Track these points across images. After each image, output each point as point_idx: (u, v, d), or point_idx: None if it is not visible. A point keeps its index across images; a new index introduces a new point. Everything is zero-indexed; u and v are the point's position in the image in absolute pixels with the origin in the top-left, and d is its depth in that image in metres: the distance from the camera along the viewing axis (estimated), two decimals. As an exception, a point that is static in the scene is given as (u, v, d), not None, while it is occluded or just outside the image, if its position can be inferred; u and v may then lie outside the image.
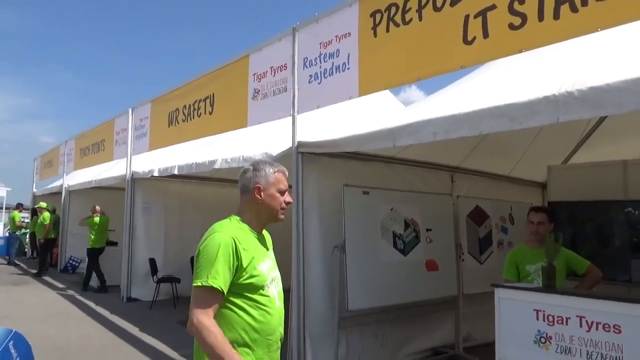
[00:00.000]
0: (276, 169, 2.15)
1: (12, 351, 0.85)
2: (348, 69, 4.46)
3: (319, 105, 4.81)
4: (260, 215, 2.13)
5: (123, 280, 9.09)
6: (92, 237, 10.16)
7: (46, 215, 12.77)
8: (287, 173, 2.19)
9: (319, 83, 4.78)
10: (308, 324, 4.76)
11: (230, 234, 1.99)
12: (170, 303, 8.39)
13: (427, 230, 5.56)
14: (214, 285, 1.90)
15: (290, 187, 4.54)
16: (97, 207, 10.47)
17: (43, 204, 13.11)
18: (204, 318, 1.89)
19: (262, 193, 2.10)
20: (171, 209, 9.59)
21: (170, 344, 6.03)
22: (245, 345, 1.98)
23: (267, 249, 2.17)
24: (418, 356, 5.54)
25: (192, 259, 8.27)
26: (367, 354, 5.09)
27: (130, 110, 9.48)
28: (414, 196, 5.58)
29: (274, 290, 2.10)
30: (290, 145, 5.03)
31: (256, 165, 2.15)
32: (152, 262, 8.63)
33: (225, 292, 1.95)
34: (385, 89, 4.49)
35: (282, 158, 5.22)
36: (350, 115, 6.18)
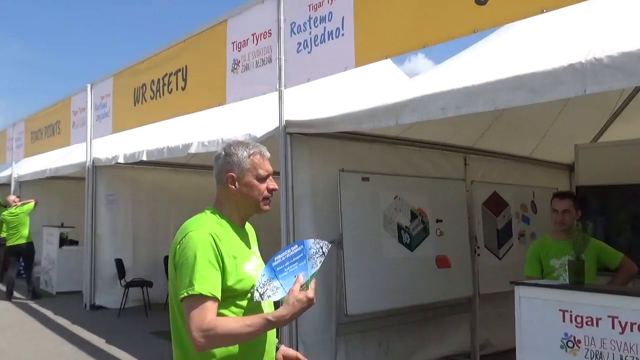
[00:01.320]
0: (252, 151, 2.09)
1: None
2: (342, 35, 4.44)
3: (310, 79, 4.80)
4: (240, 207, 2.10)
5: (85, 285, 9.12)
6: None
7: None
8: (267, 154, 2.12)
9: (309, 52, 4.77)
10: (301, 332, 4.81)
11: (207, 231, 1.97)
12: (141, 311, 8.43)
13: (437, 221, 5.60)
14: (202, 292, 1.86)
15: (277, 172, 4.55)
16: (13, 197, 10.47)
17: None
18: (211, 324, 1.84)
19: (236, 183, 2.06)
20: (140, 201, 9.60)
21: (142, 357, 6.08)
22: (236, 358, 1.98)
23: (252, 246, 2.16)
24: (429, 365, 5.62)
25: (165, 259, 8.30)
26: (369, 364, 5.16)
27: (88, 86, 9.43)
28: (422, 182, 5.61)
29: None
30: (277, 125, 5.03)
31: (228, 149, 2.09)
32: (119, 263, 8.66)
33: (220, 297, 1.91)
34: (386, 58, 4.48)
35: (268, 140, 5.22)
36: (346, 90, 6.18)
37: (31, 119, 12.80)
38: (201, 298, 1.87)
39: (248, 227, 2.23)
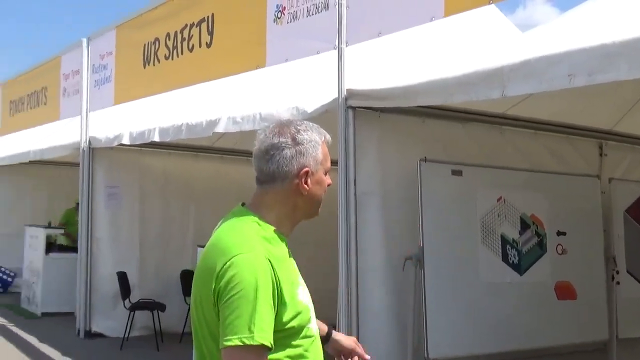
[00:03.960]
0: (323, 138, 2.20)
1: None
2: (428, -29, 4.43)
3: (381, 32, 4.80)
4: (298, 212, 2.19)
5: (79, 306, 9.44)
6: None
7: None
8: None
9: (382, -5, 4.79)
10: (364, 380, 4.86)
11: (262, 254, 2.02)
12: (151, 341, 8.69)
13: (559, 234, 5.53)
14: (265, 343, 1.94)
15: (333, 162, 4.61)
16: None
17: None
18: None
19: (308, 180, 2.15)
20: (150, 197, 9.87)
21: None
22: None
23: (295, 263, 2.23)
24: None
25: (184, 275, 8.54)
26: None
27: (84, 41, 9.74)
28: (537, 178, 5.54)
29: (314, 324, 2.18)
30: (335, 95, 5.07)
31: (296, 136, 2.15)
32: (123, 278, 8.96)
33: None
34: (489, 4, 4.42)
35: (322, 116, 5.26)
36: (429, 49, 6.11)
37: (9, 84, 13.45)
38: (259, 350, 1.94)
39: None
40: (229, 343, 1.92)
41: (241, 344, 1.91)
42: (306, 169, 2.12)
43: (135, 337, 8.85)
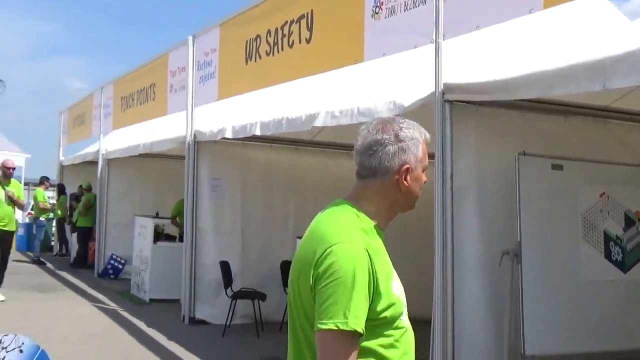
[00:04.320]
0: (424, 136, 2.28)
1: None
2: (528, -37, 4.37)
3: (479, 25, 4.78)
4: (395, 206, 2.28)
5: (184, 294, 9.88)
6: None
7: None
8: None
9: (480, -11, 4.76)
10: (459, 374, 4.88)
11: (361, 245, 2.12)
12: (251, 329, 8.98)
13: (667, 230, 5.32)
14: (357, 329, 2.02)
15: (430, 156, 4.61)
16: None
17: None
18: None
19: (408, 176, 2.22)
20: (251, 189, 10.15)
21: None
22: None
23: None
24: None
25: (284, 265, 8.75)
26: None
27: (190, 38, 10.12)
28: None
29: (406, 317, 2.25)
30: (433, 89, 5.09)
31: (399, 133, 2.23)
32: (225, 267, 9.28)
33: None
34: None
35: (418, 110, 5.30)
36: (527, 42, 6.01)
37: (121, 81, 14.08)
38: (351, 337, 2.03)
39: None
40: (324, 327, 2.01)
41: (335, 328, 2.00)
42: (407, 165, 2.20)
43: (236, 325, 9.16)
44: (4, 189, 10.39)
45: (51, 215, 18.05)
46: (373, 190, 2.25)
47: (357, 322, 2.01)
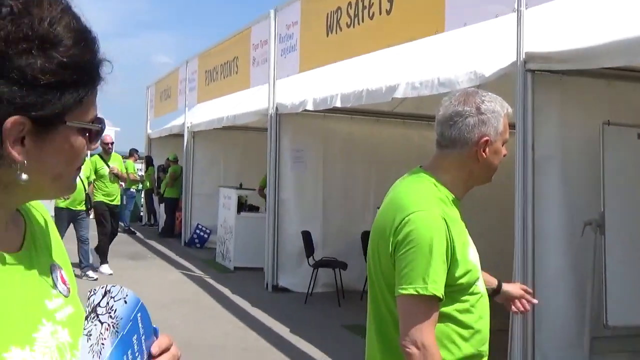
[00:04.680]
0: (506, 110, 2.32)
1: (140, 325, 1.13)
2: None
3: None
4: (472, 177, 2.35)
5: (267, 262, 10.17)
6: None
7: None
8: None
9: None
10: (540, 343, 4.91)
11: (438, 213, 2.21)
12: (332, 298, 9.20)
13: None
14: (437, 294, 2.13)
15: (511, 126, 4.63)
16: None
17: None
18: (425, 338, 2.13)
19: (487, 148, 2.28)
20: (332, 160, 10.32)
21: (332, 354, 6.74)
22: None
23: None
24: None
25: (364, 235, 8.88)
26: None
27: (272, 12, 10.29)
28: None
29: (482, 284, 2.35)
30: (514, 59, 5.06)
31: (480, 106, 2.28)
32: (307, 237, 9.50)
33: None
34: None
35: (499, 80, 5.29)
36: (610, 10, 5.84)
37: (205, 55, 14.41)
38: (431, 301, 2.15)
39: None
40: (404, 292, 2.13)
41: (415, 293, 2.11)
42: (486, 138, 2.25)
43: (317, 293, 9.40)
44: (107, 165, 10.74)
45: (140, 186, 18.76)
46: (451, 160, 2.32)
47: (436, 287, 2.11)
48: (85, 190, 9.78)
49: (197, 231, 14.71)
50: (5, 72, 1.02)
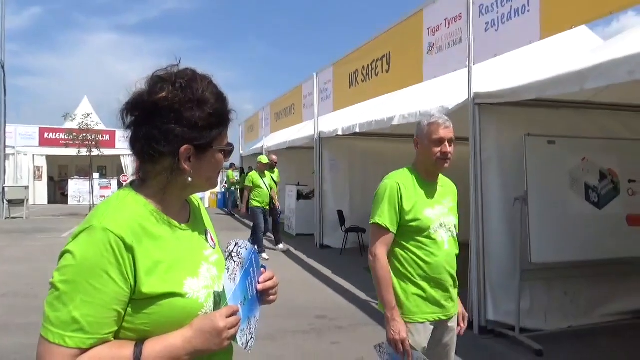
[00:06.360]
0: (430, 121, 2.30)
1: (254, 263, 1.17)
2: (528, 11, 4.25)
3: (497, 54, 4.71)
4: (422, 164, 2.36)
5: (316, 229, 10.33)
6: None
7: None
8: (445, 124, 2.28)
9: (495, 30, 4.66)
10: (488, 274, 4.88)
11: (396, 180, 2.32)
12: (357, 251, 9.25)
13: (630, 181, 5.03)
14: (379, 222, 2.26)
15: (467, 139, 4.61)
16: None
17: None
18: (377, 250, 2.26)
19: (417, 145, 2.36)
20: (355, 165, 10.35)
21: (359, 285, 6.80)
22: (415, 284, 2.25)
23: (442, 198, 2.36)
24: (617, 317, 5.16)
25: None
26: (554, 310, 4.97)
27: (315, 74, 10.39)
28: (613, 144, 5.07)
29: (444, 234, 2.30)
30: (467, 97, 5.05)
31: (420, 120, 2.40)
32: (340, 213, 9.57)
33: (393, 230, 2.26)
34: (571, 28, 4.14)
35: (459, 111, 5.28)
36: (531, 60, 5.80)
37: (274, 103, 14.57)
38: (377, 226, 2.28)
39: (449, 183, 2.46)
40: (370, 221, 2.32)
41: (371, 222, 2.31)
42: (415, 138, 2.41)
43: (348, 249, 9.46)
44: (272, 181, 9.44)
45: (237, 185, 18.97)
46: (416, 155, 2.40)
47: (380, 219, 2.25)
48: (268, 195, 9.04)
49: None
50: (180, 120, 1.12)
